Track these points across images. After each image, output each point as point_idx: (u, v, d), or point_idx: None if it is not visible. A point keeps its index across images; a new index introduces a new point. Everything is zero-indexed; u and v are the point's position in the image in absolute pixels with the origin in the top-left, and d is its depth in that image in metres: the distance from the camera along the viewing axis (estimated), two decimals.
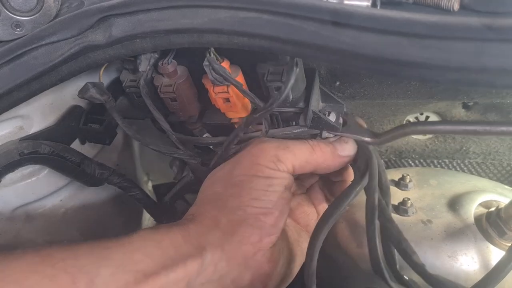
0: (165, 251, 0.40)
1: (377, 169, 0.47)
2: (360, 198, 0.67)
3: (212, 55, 0.48)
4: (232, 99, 0.52)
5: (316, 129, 0.53)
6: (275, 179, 0.45)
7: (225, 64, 0.50)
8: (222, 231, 0.43)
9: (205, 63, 0.48)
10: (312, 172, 0.49)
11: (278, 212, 0.44)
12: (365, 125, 0.53)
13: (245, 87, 0.52)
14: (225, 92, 0.51)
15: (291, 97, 0.52)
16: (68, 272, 0.36)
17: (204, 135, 0.61)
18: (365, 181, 0.46)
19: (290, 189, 0.47)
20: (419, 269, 0.41)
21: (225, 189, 0.46)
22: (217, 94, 0.52)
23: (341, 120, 0.53)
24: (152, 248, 0.40)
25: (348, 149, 0.50)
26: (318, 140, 0.51)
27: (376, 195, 0.45)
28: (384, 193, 0.47)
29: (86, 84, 0.55)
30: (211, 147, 0.62)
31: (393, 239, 0.42)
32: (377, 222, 0.45)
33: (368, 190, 0.46)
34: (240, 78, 0.52)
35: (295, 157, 0.47)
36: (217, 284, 0.42)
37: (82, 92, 0.55)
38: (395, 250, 0.44)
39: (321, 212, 0.50)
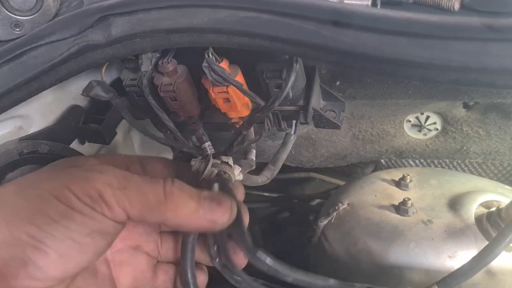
0: None
1: None
2: (360, 196, 0.67)
3: (211, 56, 0.48)
4: (232, 99, 0.52)
5: (318, 127, 0.53)
6: (76, 213, 0.35)
7: (224, 64, 0.50)
8: None
9: (204, 64, 0.48)
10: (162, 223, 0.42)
11: (57, 255, 0.34)
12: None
13: (245, 86, 0.52)
14: (225, 92, 0.51)
15: (291, 95, 0.52)
16: None
17: (206, 144, 0.60)
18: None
19: (104, 237, 0.37)
20: None
21: (22, 199, 0.36)
22: (216, 94, 0.52)
23: (342, 118, 0.53)
24: None
25: (219, 213, 0.40)
26: (182, 188, 0.40)
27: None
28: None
29: (90, 82, 0.55)
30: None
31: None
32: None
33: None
34: (239, 78, 0.52)
35: (130, 201, 0.37)
36: None
37: (86, 91, 0.55)
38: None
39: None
